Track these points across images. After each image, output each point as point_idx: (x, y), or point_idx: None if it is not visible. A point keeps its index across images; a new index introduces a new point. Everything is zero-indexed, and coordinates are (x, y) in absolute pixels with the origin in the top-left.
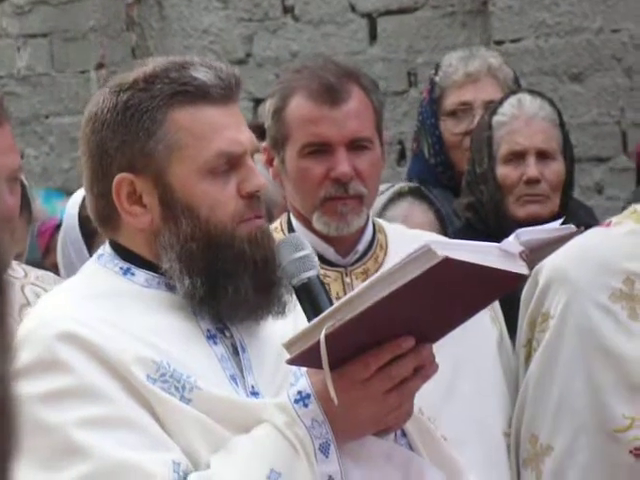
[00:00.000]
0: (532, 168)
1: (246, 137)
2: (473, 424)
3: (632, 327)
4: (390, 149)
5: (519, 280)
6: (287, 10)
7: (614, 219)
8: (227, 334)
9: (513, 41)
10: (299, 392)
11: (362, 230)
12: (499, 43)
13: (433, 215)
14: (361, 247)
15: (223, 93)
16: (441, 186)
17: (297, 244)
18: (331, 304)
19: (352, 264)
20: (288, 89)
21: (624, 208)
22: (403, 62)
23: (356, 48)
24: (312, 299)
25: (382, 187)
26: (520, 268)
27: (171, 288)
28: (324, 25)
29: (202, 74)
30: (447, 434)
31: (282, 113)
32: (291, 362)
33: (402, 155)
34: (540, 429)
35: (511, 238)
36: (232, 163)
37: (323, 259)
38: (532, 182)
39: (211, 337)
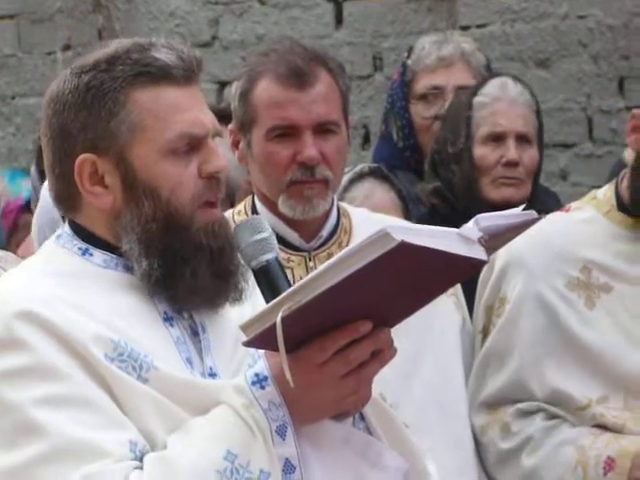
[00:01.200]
0: (512, 151)
1: (208, 119)
2: (435, 409)
3: (588, 315)
4: (355, 133)
5: (478, 266)
6: None
7: (574, 204)
8: (185, 316)
9: (479, 26)
10: (256, 374)
11: (326, 214)
12: (465, 28)
13: (395, 195)
14: (325, 232)
15: (185, 74)
16: (408, 169)
17: (256, 226)
18: (290, 287)
19: (316, 248)
20: (255, 72)
21: None
22: (369, 46)
23: (322, 32)
24: (271, 282)
25: None
26: (479, 254)
27: (129, 269)
28: (290, 9)
29: (164, 55)
30: (408, 420)
31: (249, 96)
32: (248, 344)
33: (366, 139)
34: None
35: (470, 224)
36: (193, 144)
37: (287, 243)
38: (511, 165)
39: (167, 319)
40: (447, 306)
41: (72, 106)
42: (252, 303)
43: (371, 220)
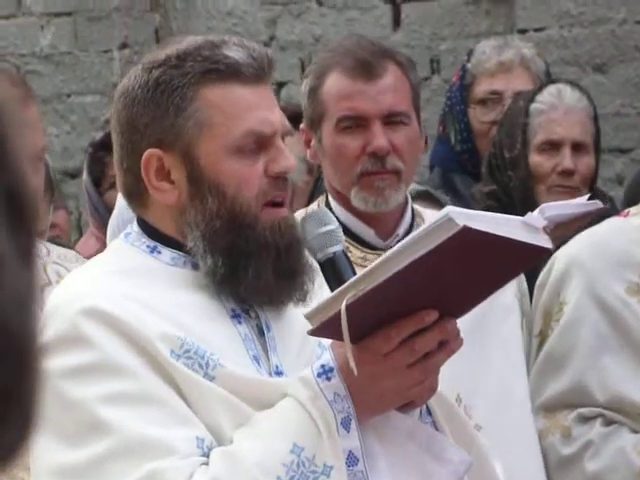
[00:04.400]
0: (568, 160)
1: (277, 118)
2: (507, 408)
3: None
4: None
5: (542, 254)
6: None
7: (632, 209)
8: (252, 314)
9: (537, 30)
10: (322, 366)
11: (401, 213)
12: (523, 32)
13: None
14: (401, 230)
15: (255, 73)
16: (465, 172)
17: (322, 219)
18: (349, 269)
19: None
20: (323, 67)
21: None
22: (426, 49)
23: (379, 34)
24: (337, 273)
25: None
26: (544, 242)
27: (197, 267)
28: (348, 10)
29: (234, 53)
30: (482, 420)
31: (318, 92)
32: (312, 333)
33: (424, 142)
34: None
35: (536, 212)
36: (261, 143)
37: (363, 242)
38: (566, 174)
39: (235, 317)
40: (513, 304)
41: (141, 101)
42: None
43: None
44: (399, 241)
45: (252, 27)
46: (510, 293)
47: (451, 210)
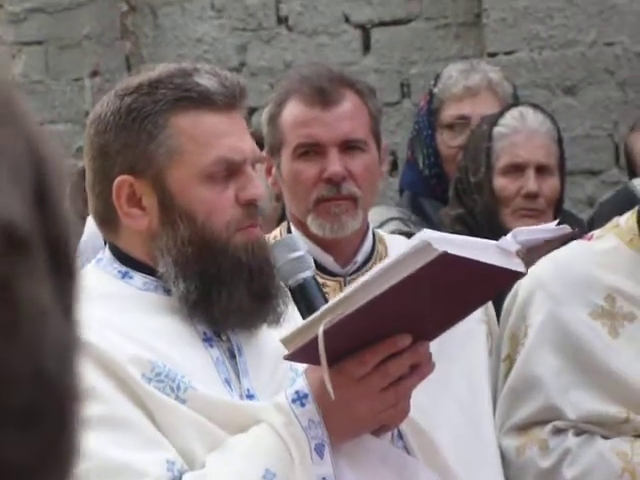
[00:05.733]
0: (532, 182)
1: (247, 146)
2: (468, 431)
3: (612, 344)
4: None
5: (515, 278)
6: (281, 20)
7: (596, 232)
8: (223, 338)
9: (507, 53)
10: (296, 392)
11: (361, 239)
12: (492, 55)
13: None
14: (360, 257)
15: (226, 101)
16: (433, 197)
17: (292, 245)
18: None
19: (351, 274)
20: (282, 95)
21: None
22: (396, 73)
23: (350, 59)
24: (308, 299)
25: (373, 218)
26: (517, 266)
27: (168, 291)
28: (318, 35)
29: (206, 81)
30: (445, 442)
31: (276, 119)
32: (288, 358)
33: (394, 165)
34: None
35: (508, 237)
36: (231, 170)
37: (322, 268)
38: (531, 196)
39: (207, 340)
40: (477, 329)
41: (113, 127)
42: (291, 326)
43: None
44: (358, 268)
45: (222, 53)
46: (473, 318)
47: (428, 235)
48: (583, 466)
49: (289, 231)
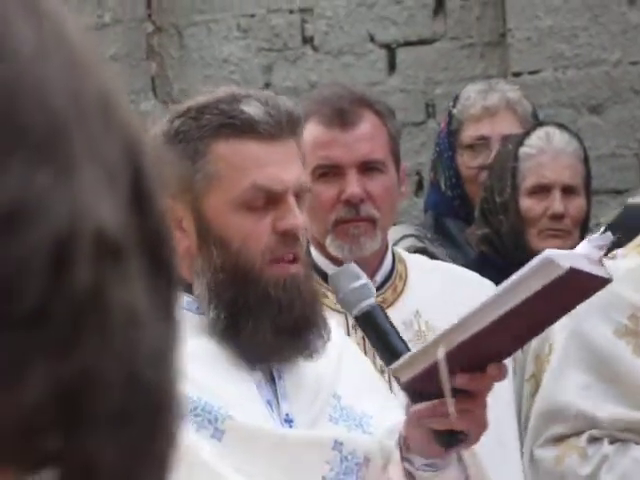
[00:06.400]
0: (558, 203)
1: (290, 176)
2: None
3: (636, 363)
4: (408, 180)
5: (605, 284)
6: (306, 40)
7: (619, 251)
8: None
9: (531, 73)
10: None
11: (381, 259)
12: (517, 75)
13: None
14: (380, 277)
15: (271, 130)
16: (457, 217)
17: (354, 273)
18: (394, 329)
19: None
20: (303, 117)
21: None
22: (421, 93)
23: (375, 78)
24: (376, 326)
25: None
26: (606, 273)
27: None
28: (343, 55)
29: (252, 108)
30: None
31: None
32: (404, 386)
33: (420, 186)
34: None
35: (586, 243)
36: (270, 199)
37: None
38: (557, 217)
39: (249, 361)
40: None
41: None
42: (338, 355)
43: (426, 266)
44: (378, 287)
45: (248, 74)
46: None
47: (550, 252)
48: (620, 472)
49: (308, 250)
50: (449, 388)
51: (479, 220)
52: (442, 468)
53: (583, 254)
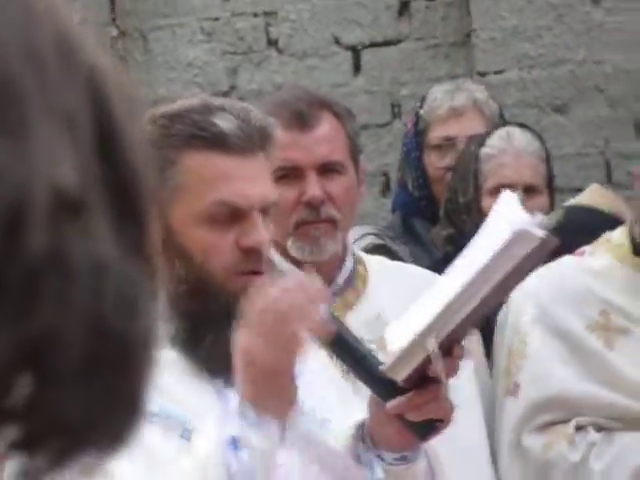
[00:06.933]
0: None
1: (256, 191)
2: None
3: (608, 356)
4: (375, 181)
5: (553, 246)
6: (271, 43)
7: (588, 248)
8: None
9: (496, 72)
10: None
11: (341, 261)
12: (482, 75)
13: None
14: (340, 279)
15: (241, 145)
16: (424, 218)
17: None
18: (351, 335)
19: (331, 296)
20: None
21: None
22: (387, 94)
23: (340, 80)
24: (348, 347)
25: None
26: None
27: None
28: (308, 58)
29: (224, 122)
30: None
31: None
32: (404, 383)
33: (387, 186)
34: None
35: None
36: (235, 215)
37: None
38: None
39: (211, 372)
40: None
41: None
42: None
43: (387, 267)
44: (340, 290)
45: (213, 77)
46: None
47: (517, 224)
48: (610, 458)
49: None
50: (445, 378)
51: (444, 220)
52: (413, 460)
53: (531, 220)
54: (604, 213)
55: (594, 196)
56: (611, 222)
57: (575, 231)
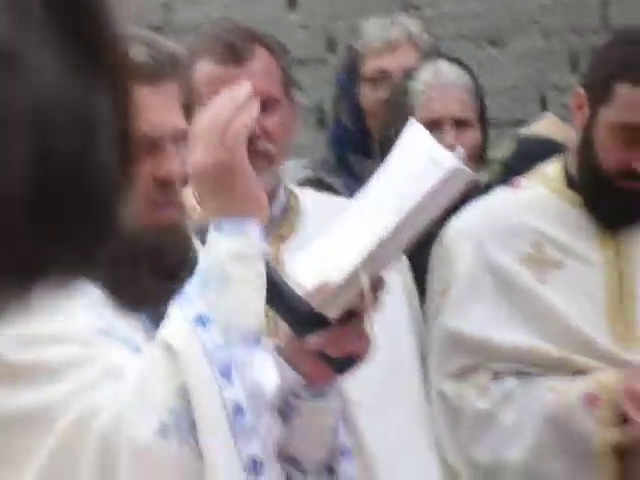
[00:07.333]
0: (449, 137)
1: (170, 121)
2: (394, 388)
3: (539, 289)
4: (311, 115)
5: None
6: None
7: (523, 181)
8: None
9: (431, 6)
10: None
11: (274, 195)
12: (417, 8)
13: None
14: (274, 212)
15: (153, 73)
16: (359, 152)
17: None
18: (274, 271)
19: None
20: (193, 55)
21: None
22: (322, 28)
23: (275, 15)
24: (272, 279)
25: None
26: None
27: None
28: None
29: (133, 50)
30: (367, 400)
31: (191, 80)
32: (338, 320)
33: (322, 122)
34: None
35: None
36: (146, 146)
37: None
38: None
39: (133, 309)
40: (394, 282)
41: None
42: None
43: (320, 200)
44: (272, 223)
45: (148, 11)
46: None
47: (449, 160)
48: (520, 407)
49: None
50: (373, 317)
51: (378, 154)
52: (327, 394)
53: (457, 156)
54: (557, 143)
55: (548, 126)
56: (564, 152)
57: (527, 161)
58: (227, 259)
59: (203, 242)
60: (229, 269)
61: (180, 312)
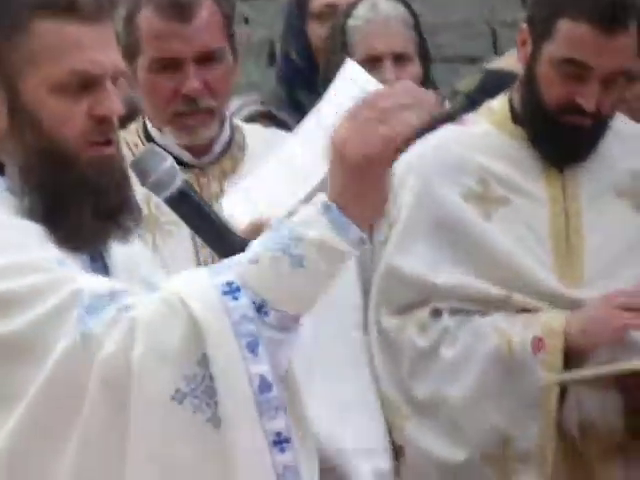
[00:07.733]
0: (389, 72)
1: (109, 59)
2: (330, 329)
3: (484, 226)
4: (261, 51)
5: None
6: None
7: (470, 117)
8: None
9: None
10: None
11: (219, 130)
12: None
13: None
14: (218, 147)
15: (92, 10)
16: (308, 88)
17: (161, 154)
18: (208, 205)
19: (208, 164)
20: (136, 1)
21: None
22: None
23: None
24: (193, 202)
25: (232, 105)
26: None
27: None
28: None
29: None
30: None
31: (132, 25)
32: None
33: (272, 57)
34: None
35: None
36: (86, 83)
37: (178, 161)
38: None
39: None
40: None
41: None
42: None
43: (264, 134)
44: (216, 158)
45: None
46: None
47: None
48: (462, 345)
49: (145, 126)
50: None
51: (323, 91)
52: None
53: None
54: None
55: (512, 61)
56: None
57: (490, 94)
58: (313, 243)
59: (142, 181)
60: (308, 254)
61: (209, 276)
